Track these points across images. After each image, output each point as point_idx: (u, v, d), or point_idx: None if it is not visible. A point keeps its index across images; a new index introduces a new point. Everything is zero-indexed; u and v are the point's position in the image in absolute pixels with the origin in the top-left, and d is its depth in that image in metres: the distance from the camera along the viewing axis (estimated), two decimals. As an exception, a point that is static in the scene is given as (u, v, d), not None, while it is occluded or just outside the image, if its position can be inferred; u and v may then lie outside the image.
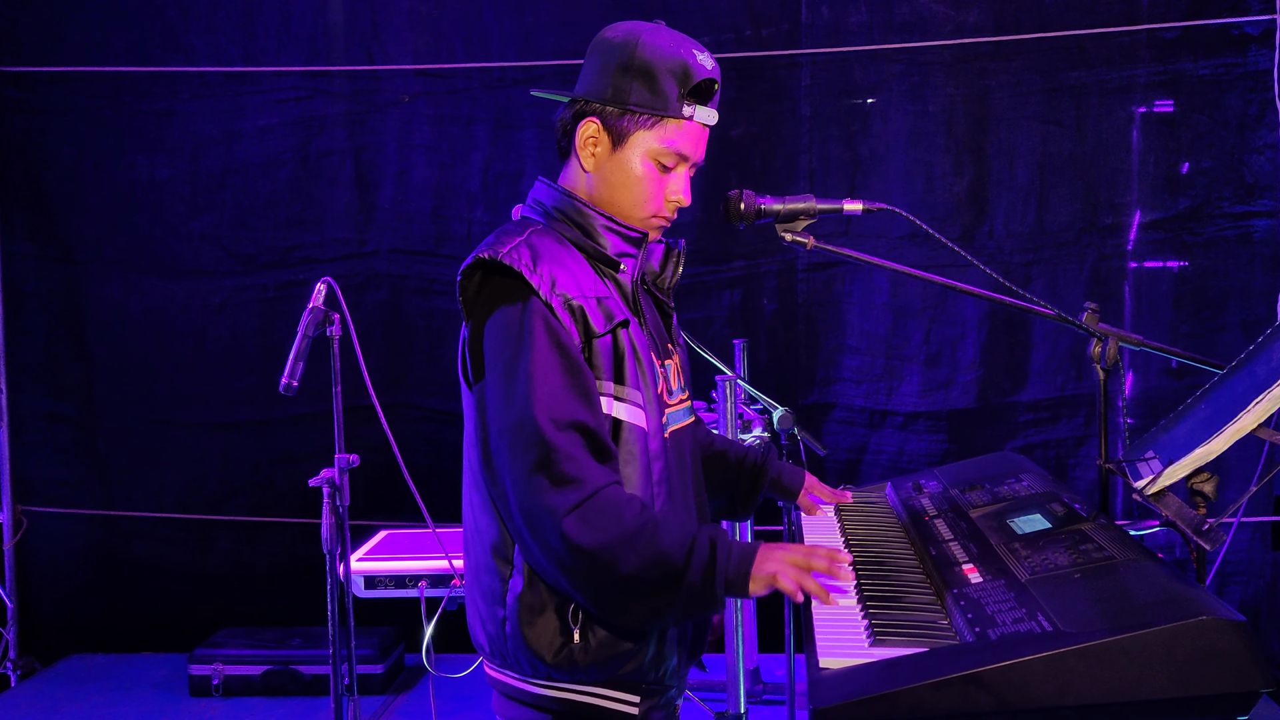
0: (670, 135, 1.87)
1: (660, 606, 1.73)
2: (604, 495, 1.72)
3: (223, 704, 4.38)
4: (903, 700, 1.39)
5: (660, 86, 1.85)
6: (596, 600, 1.74)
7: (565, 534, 1.69)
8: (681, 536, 1.72)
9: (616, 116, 1.86)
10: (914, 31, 4.46)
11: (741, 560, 1.71)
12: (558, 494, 1.70)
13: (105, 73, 4.74)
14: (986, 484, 2.23)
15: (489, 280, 1.82)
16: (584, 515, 1.69)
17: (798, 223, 2.08)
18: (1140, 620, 1.40)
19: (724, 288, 4.64)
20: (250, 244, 4.78)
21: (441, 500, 3.29)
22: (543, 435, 1.71)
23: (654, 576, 1.70)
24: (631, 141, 1.87)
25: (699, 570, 1.70)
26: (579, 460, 1.72)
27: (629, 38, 1.86)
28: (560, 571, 1.73)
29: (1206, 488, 1.67)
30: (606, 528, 1.69)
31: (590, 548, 1.68)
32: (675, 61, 1.85)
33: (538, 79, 4.57)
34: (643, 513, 1.73)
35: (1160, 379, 4.38)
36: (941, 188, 4.50)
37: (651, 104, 1.85)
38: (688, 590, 1.70)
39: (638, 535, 1.70)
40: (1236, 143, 4.31)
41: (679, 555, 1.70)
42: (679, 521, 1.77)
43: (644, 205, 1.92)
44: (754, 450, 2.32)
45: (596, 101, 1.87)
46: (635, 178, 1.89)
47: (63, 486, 4.93)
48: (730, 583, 1.70)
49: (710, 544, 1.72)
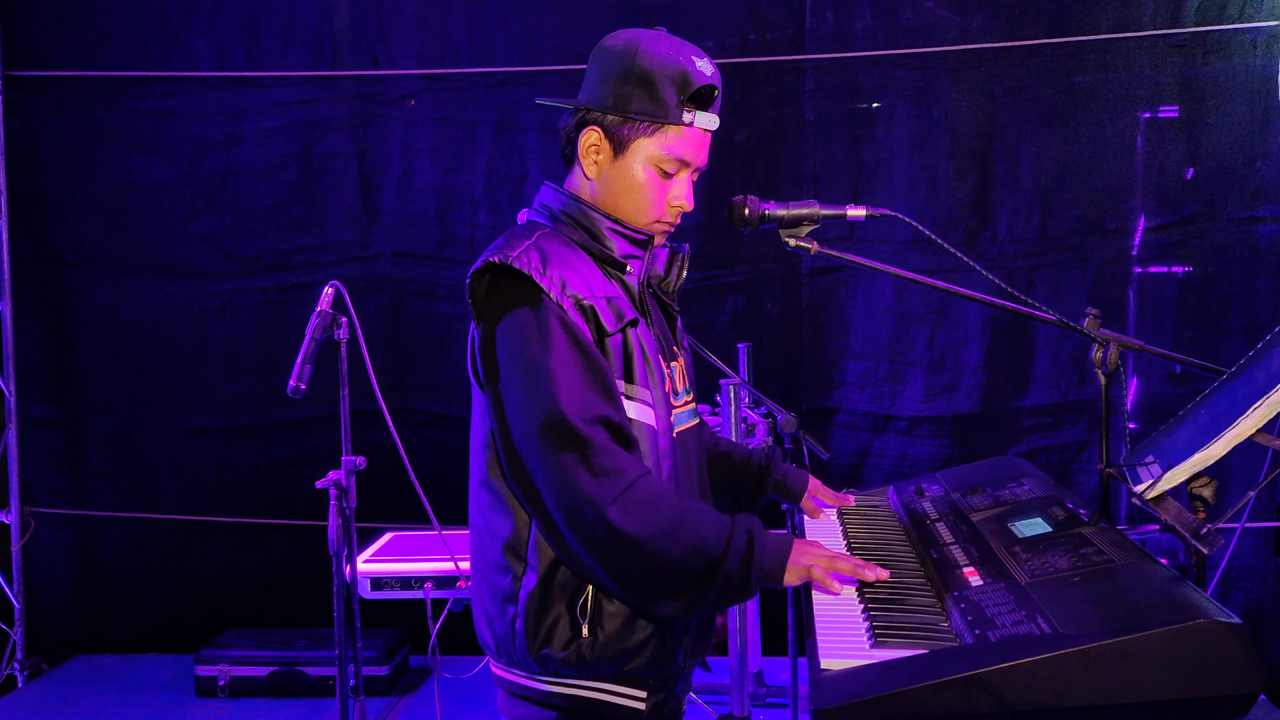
0: (671, 142, 1.89)
1: (698, 595, 1.77)
2: (640, 486, 1.75)
3: (228, 705, 4.39)
4: (903, 701, 1.40)
5: (660, 94, 1.87)
6: (638, 589, 1.78)
7: (611, 524, 1.71)
8: (719, 526, 1.77)
9: (618, 125, 1.89)
10: (918, 37, 4.46)
11: (778, 552, 1.78)
12: (598, 485, 1.73)
13: (104, 75, 4.75)
14: (988, 488, 2.23)
15: (498, 283, 1.83)
16: (624, 506, 1.73)
17: (801, 228, 2.09)
18: (1139, 623, 1.41)
19: (728, 292, 4.65)
20: (251, 247, 4.78)
21: (445, 504, 3.30)
22: (576, 431, 1.73)
23: (694, 565, 1.75)
24: (633, 149, 1.90)
25: (736, 560, 1.75)
26: (613, 452, 1.75)
27: (629, 46, 1.88)
28: (602, 562, 1.76)
29: (1205, 492, 1.68)
30: (648, 518, 1.73)
31: (637, 537, 1.72)
32: (674, 69, 1.87)
33: (541, 83, 4.59)
34: (680, 503, 1.77)
35: (1164, 384, 4.38)
36: (945, 193, 4.51)
37: (652, 111, 1.87)
38: (725, 578, 1.75)
39: (679, 525, 1.74)
40: (1241, 148, 4.31)
41: (717, 545, 1.75)
42: (714, 511, 1.82)
43: (647, 211, 1.94)
44: (759, 452, 2.34)
45: (598, 110, 1.90)
46: (638, 184, 1.92)
47: (66, 489, 4.94)
48: (765, 573, 1.77)
49: (747, 535, 1.78)
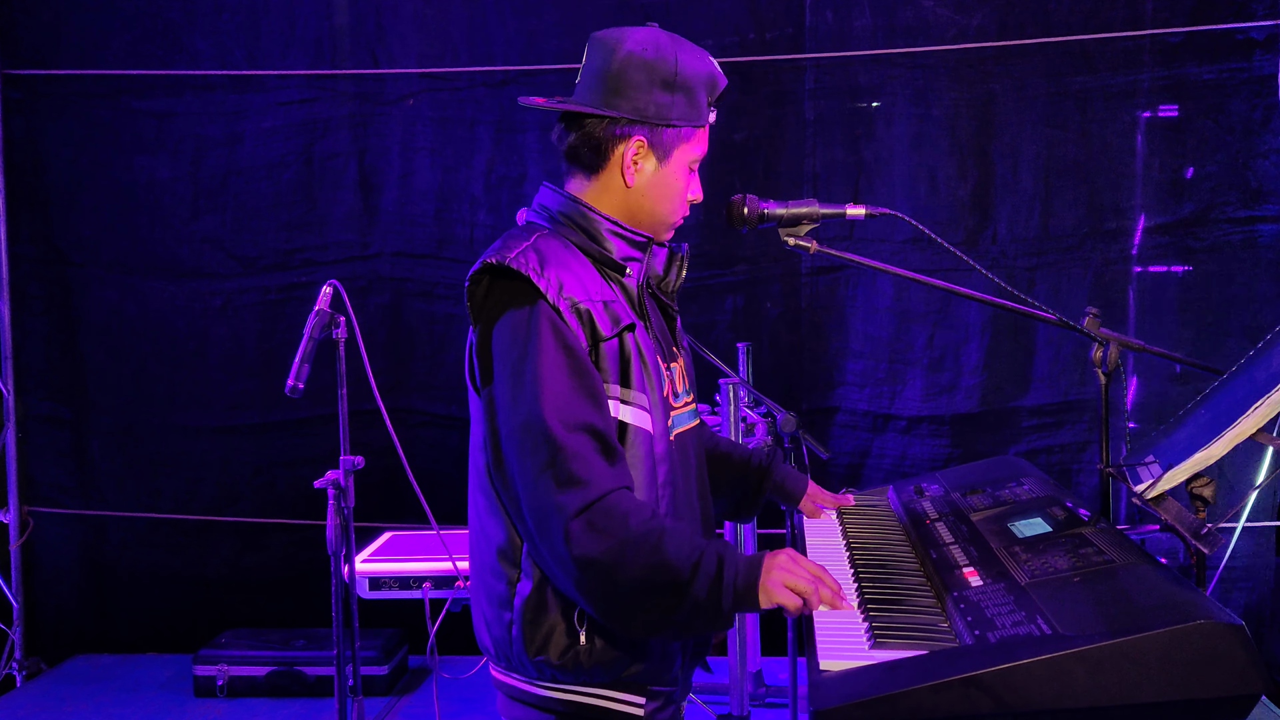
0: (701, 142, 1.95)
1: (662, 617, 1.72)
2: (612, 499, 1.71)
3: (227, 705, 4.39)
4: (902, 702, 1.40)
5: (697, 99, 1.90)
6: (598, 606, 1.74)
7: (570, 536, 1.68)
8: (690, 549, 1.71)
9: (662, 134, 1.90)
10: (918, 36, 4.46)
11: (749, 573, 1.71)
12: (565, 494, 1.70)
13: (105, 74, 4.75)
14: (988, 488, 2.23)
15: (496, 284, 1.82)
16: (590, 519, 1.69)
17: (801, 227, 2.09)
18: (1139, 624, 1.40)
19: (727, 291, 4.64)
20: (252, 246, 4.78)
21: (444, 504, 3.30)
22: (552, 435, 1.71)
23: (656, 586, 1.69)
24: (676, 155, 1.92)
25: (704, 584, 1.69)
26: (588, 461, 1.72)
27: (662, 53, 1.87)
28: (564, 574, 1.73)
29: (1206, 492, 1.68)
30: (611, 533, 1.68)
31: (593, 554, 1.68)
32: (706, 74, 1.92)
33: (541, 82, 4.58)
34: (650, 520, 1.72)
35: (1164, 384, 4.37)
36: (945, 192, 4.50)
37: (691, 118, 1.91)
38: (692, 603, 1.69)
39: (642, 542, 1.69)
40: (1241, 148, 4.31)
41: (684, 567, 1.69)
42: (688, 533, 1.76)
43: (678, 211, 1.98)
44: (758, 453, 2.33)
45: (640, 120, 1.88)
46: (678, 189, 1.95)
47: (67, 488, 4.94)
48: (740, 596, 1.70)
49: (718, 559, 1.71)
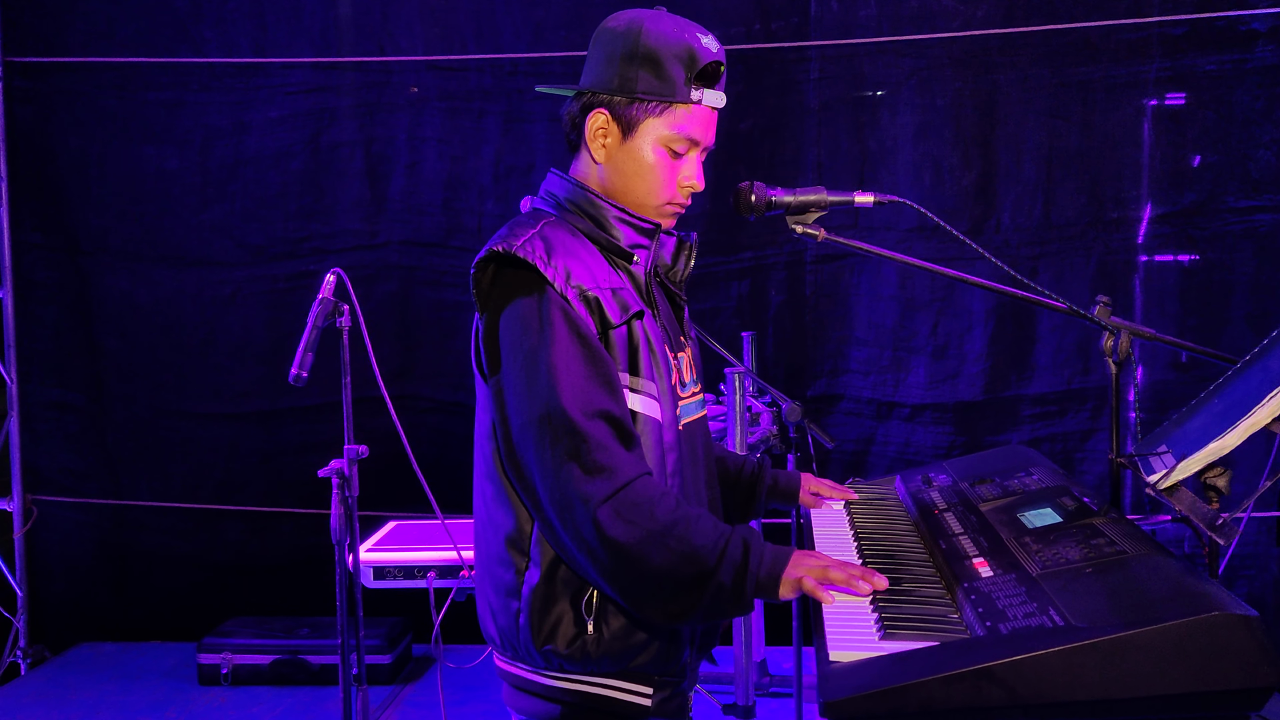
0: (680, 120, 1.86)
1: (688, 604, 1.71)
2: (637, 486, 1.71)
3: (231, 693, 4.40)
4: (913, 694, 1.39)
5: (667, 72, 1.83)
6: (624, 593, 1.74)
7: (599, 524, 1.68)
8: (715, 536, 1.71)
9: (625, 106, 1.85)
10: (923, 25, 4.45)
11: (774, 564, 1.71)
12: (591, 483, 1.69)
13: (113, 63, 4.75)
14: (996, 478, 2.22)
15: (502, 273, 1.81)
16: (617, 507, 1.69)
17: (808, 215, 2.07)
18: (1152, 615, 1.39)
19: (732, 279, 4.64)
20: (260, 235, 4.79)
21: (450, 491, 3.29)
22: (573, 425, 1.70)
23: (684, 574, 1.69)
24: (642, 130, 1.86)
25: (730, 571, 1.69)
26: (610, 449, 1.71)
27: (632, 25, 1.85)
28: (591, 562, 1.73)
29: (1220, 482, 1.67)
30: (639, 521, 1.69)
31: (623, 541, 1.68)
32: (680, 46, 1.84)
33: (548, 71, 4.57)
34: (676, 508, 1.72)
35: (1168, 372, 4.38)
36: (949, 181, 4.50)
37: (659, 91, 1.84)
38: (716, 589, 1.69)
39: (670, 531, 1.69)
40: (1243, 138, 4.30)
41: (711, 554, 1.69)
42: (712, 520, 1.76)
43: (658, 193, 1.91)
44: (750, 461, 2.31)
45: (604, 92, 1.86)
46: (648, 166, 1.88)
47: (72, 476, 4.94)
48: (761, 585, 1.70)
49: (744, 546, 1.71)
